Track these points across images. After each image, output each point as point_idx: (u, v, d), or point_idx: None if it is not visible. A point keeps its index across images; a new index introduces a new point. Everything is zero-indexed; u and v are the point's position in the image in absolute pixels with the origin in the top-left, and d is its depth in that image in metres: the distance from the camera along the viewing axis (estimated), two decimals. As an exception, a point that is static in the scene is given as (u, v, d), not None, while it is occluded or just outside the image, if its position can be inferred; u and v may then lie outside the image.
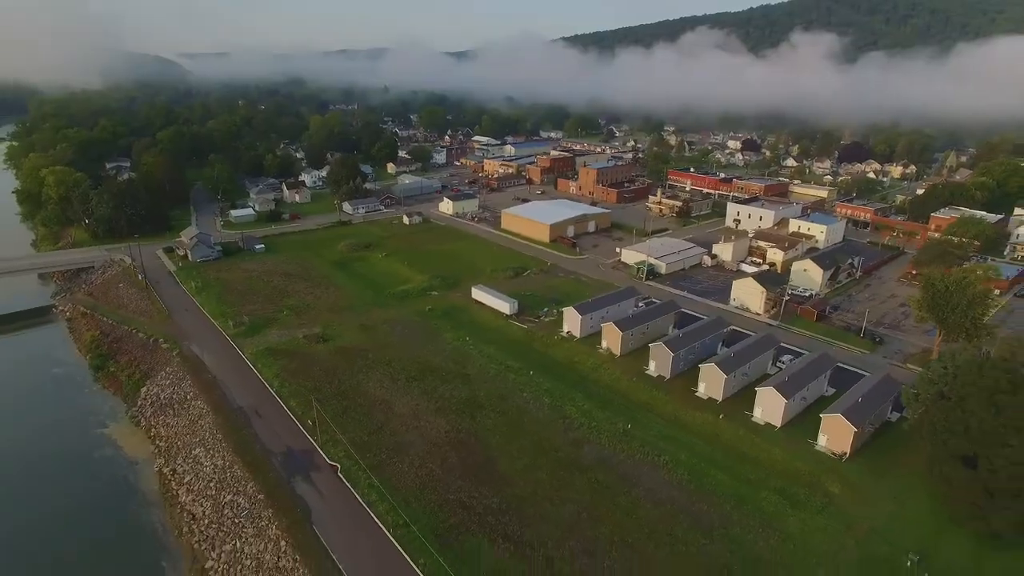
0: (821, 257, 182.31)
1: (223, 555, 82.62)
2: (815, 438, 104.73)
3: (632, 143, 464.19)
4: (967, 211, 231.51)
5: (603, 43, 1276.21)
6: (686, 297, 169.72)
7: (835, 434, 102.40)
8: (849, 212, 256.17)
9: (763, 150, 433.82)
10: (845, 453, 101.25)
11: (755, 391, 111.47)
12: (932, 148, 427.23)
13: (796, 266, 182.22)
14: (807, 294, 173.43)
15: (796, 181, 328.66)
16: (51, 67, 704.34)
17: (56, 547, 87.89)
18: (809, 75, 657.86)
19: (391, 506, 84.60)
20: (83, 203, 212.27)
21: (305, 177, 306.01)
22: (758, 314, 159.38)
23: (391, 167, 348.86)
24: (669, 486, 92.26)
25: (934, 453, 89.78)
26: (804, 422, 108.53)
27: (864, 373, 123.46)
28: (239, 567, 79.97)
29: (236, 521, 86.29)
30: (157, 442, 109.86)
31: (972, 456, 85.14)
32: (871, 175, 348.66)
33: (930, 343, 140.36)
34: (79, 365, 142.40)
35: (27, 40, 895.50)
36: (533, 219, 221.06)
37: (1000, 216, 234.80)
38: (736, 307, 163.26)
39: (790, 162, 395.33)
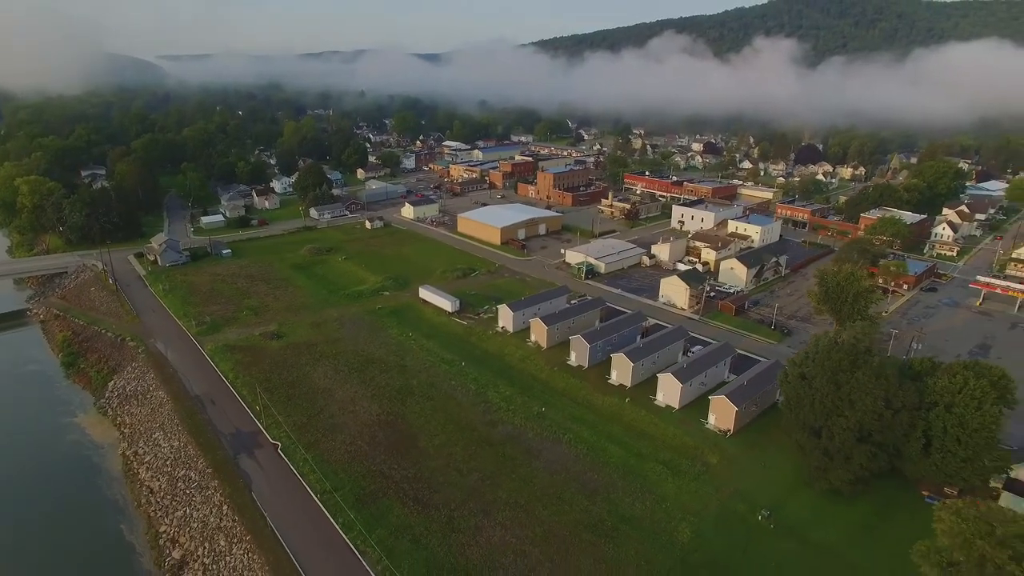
0: (746, 256, 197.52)
1: (175, 520, 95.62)
2: (707, 418, 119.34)
3: (598, 147, 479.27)
4: (892, 211, 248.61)
5: (581, 45, 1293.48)
6: (620, 295, 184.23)
7: (721, 413, 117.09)
8: (788, 213, 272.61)
9: (724, 153, 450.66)
10: (729, 430, 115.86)
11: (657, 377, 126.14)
12: (884, 150, 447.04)
13: (724, 264, 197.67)
14: (732, 291, 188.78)
15: (749, 183, 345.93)
16: (27, 72, 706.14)
17: (26, 519, 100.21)
18: (772, 79, 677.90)
19: (320, 476, 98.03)
20: (56, 211, 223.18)
21: (276, 184, 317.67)
22: (683, 309, 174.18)
23: (361, 172, 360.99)
24: (567, 459, 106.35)
25: (791, 425, 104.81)
26: (701, 404, 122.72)
27: (760, 359, 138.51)
28: (187, 529, 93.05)
29: (187, 492, 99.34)
30: (122, 429, 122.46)
31: (818, 426, 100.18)
32: (820, 177, 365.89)
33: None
34: (51, 363, 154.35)
35: (2, 44, 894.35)
36: (486, 223, 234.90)
37: (923, 216, 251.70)
38: (664, 303, 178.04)
39: (746, 164, 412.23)
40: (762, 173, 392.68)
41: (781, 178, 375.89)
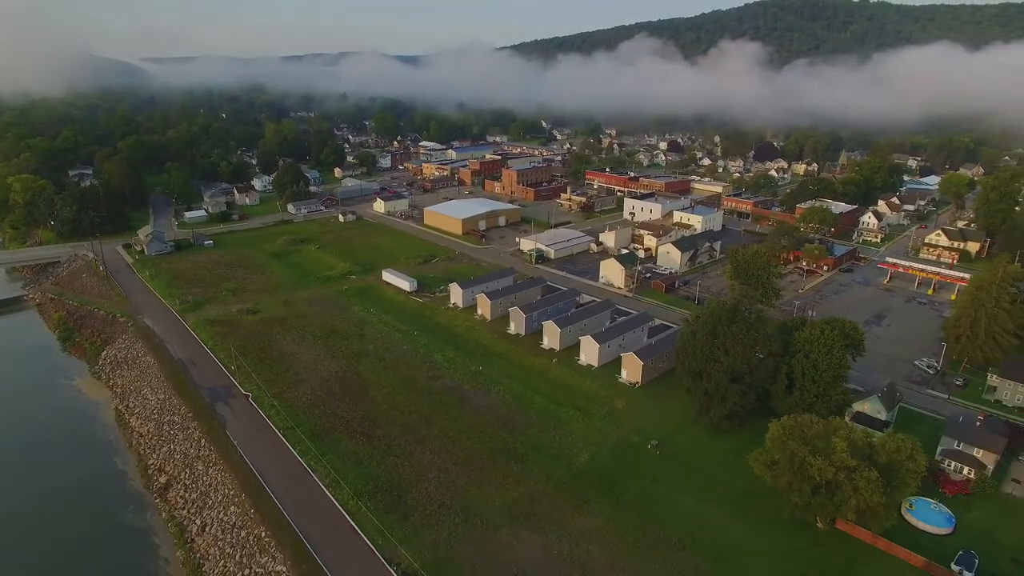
0: (681, 242, 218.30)
1: (161, 455, 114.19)
2: (620, 373, 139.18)
3: (568, 146, 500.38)
4: (827, 202, 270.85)
5: (562, 48, 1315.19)
6: (566, 276, 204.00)
7: (630, 368, 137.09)
8: (734, 205, 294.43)
9: (685, 151, 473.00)
10: (637, 382, 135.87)
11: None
12: (838, 148, 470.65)
13: (661, 249, 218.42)
14: (667, 271, 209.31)
15: (706, 178, 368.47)
16: (9, 74, 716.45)
17: (34, 461, 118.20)
18: (738, 81, 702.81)
19: (283, 416, 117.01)
20: (48, 207, 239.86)
21: (256, 182, 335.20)
22: (619, 288, 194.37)
23: (338, 171, 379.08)
24: (495, 404, 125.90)
25: (680, 371, 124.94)
26: (618, 363, 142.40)
27: (674, 326, 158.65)
28: (171, 460, 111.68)
29: (171, 432, 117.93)
30: (114, 389, 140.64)
31: (699, 371, 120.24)
32: (773, 173, 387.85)
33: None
34: (49, 338, 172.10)
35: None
36: (449, 215, 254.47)
37: (854, 207, 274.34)
38: (604, 283, 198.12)
39: (705, 161, 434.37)
40: (720, 170, 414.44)
41: (738, 174, 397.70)
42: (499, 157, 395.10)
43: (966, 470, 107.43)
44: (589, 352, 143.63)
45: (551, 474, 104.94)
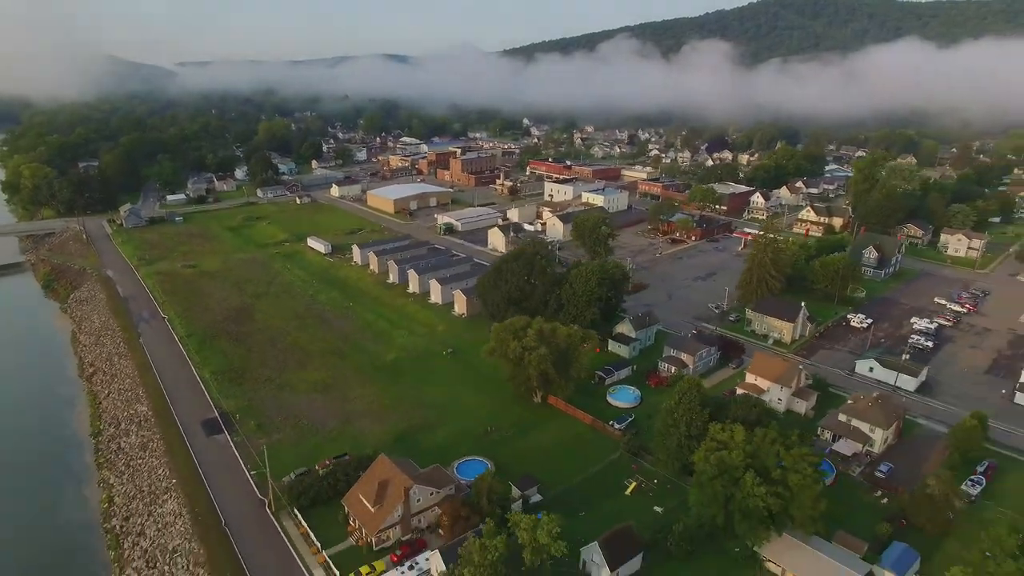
0: (564, 215, 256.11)
1: (92, 355, 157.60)
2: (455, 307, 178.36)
3: (536, 140, 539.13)
4: (730, 184, 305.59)
5: (569, 48, 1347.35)
6: (462, 243, 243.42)
7: (459, 302, 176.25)
8: (647, 188, 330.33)
9: (642, 144, 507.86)
10: (464, 313, 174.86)
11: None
12: (790, 140, 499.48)
13: (550, 222, 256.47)
14: (552, 239, 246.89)
15: (648, 167, 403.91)
16: (44, 80, 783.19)
17: (7, 360, 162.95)
18: (712, 79, 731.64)
19: (184, 330, 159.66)
20: (50, 189, 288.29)
21: (238, 171, 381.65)
22: (502, 251, 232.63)
23: (314, 163, 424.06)
24: (347, 327, 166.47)
25: (478, 298, 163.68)
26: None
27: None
28: (99, 357, 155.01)
29: (102, 340, 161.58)
30: (74, 319, 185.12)
31: (487, 297, 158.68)
32: (709, 162, 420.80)
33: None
34: (36, 288, 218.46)
35: (22, 55, 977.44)
36: (385, 197, 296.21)
37: (750, 188, 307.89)
38: (491, 248, 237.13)
39: (653, 153, 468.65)
40: (670, 160, 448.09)
41: (687, 163, 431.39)
42: (455, 149, 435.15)
43: (673, 369, 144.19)
44: (436, 292, 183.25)
45: (358, 366, 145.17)
